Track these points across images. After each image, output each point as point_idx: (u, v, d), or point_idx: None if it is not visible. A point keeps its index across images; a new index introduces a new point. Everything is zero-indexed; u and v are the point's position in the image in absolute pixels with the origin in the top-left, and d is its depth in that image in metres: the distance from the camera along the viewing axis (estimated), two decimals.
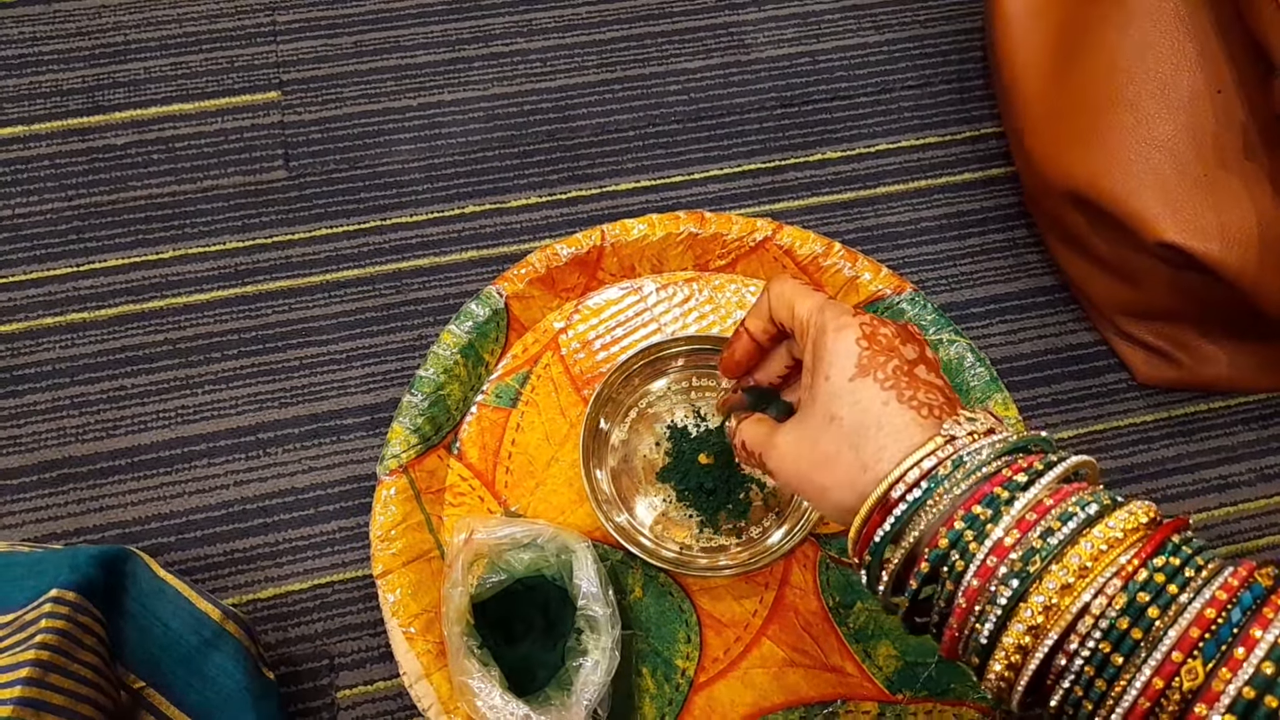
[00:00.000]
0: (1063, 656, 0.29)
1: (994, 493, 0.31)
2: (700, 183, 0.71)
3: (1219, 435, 0.63)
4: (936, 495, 0.32)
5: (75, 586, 0.42)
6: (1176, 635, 0.28)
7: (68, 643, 0.40)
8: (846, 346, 0.36)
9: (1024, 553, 0.30)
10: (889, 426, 0.34)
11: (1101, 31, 0.60)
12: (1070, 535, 0.30)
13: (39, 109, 0.71)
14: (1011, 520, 0.30)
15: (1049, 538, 0.30)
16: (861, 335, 0.36)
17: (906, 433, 0.34)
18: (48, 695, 0.38)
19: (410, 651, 0.50)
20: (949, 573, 0.31)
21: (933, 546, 0.32)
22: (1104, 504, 0.31)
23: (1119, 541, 0.29)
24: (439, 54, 0.75)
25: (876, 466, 0.34)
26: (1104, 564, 0.29)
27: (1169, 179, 0.55)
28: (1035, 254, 0.69)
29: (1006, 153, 0.73)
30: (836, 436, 0.35)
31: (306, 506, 0.59)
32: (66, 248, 0.66)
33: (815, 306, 0.38)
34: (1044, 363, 0.65)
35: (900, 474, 0.33)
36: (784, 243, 0.62)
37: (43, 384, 0.61)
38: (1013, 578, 0.30)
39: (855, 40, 0.77)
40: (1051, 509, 0.31)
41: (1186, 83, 0.55)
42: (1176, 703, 0.27)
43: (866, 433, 0.34)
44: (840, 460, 0.35)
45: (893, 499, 0.33)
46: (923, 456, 0.33)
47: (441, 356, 0.57)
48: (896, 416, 0.34)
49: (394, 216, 0.68)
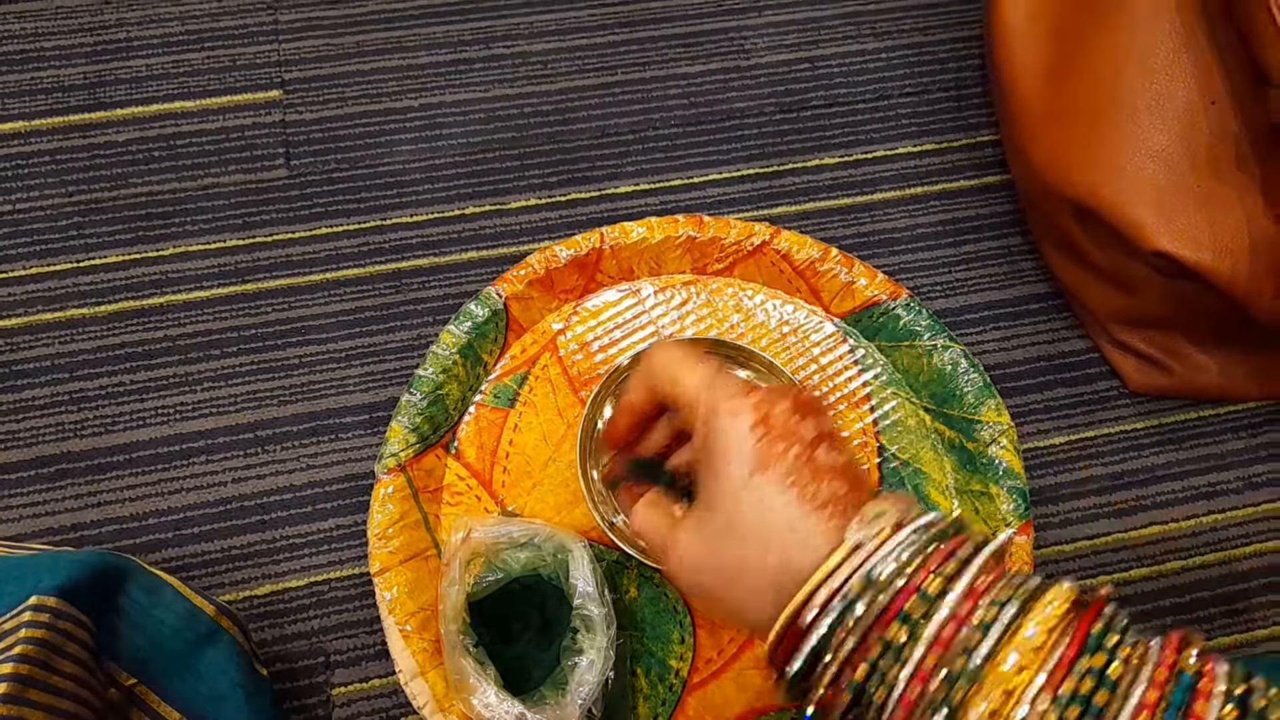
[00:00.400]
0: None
1: (906, 610, 0.30)
2: (699, 186, 0.71)
3: (1208, 443, 0.64)
4: (850, 621, 0.30)
5: (57, 591, 0.40)
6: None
7: (47, 652, 0.38)
8: (740, 435, 0.34)
9: (946, 676, 0.29)
10: (794, 534, 0.32)
11: (1099, 41, 0.60)
12: (990, 651, 0.28)
13: (40, 105, 0.71)
14: (929, 640, 0.29)
15: (971, 657, 0.29)
16: (755, 420, 0.34)
17: (810, 543, 0.32)
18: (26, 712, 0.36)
19: (406, 649, 0.50)
20: (868, 708, 0.30)
21: (851, 677, 0.30)
22: (1022, 601, 0.29)
23: (1041, 648, 0.28)
24: (441, 55, 0.75)
25: (783, 584, 0.32)
26: (1028, 678, 0.28)
27: (1163, 189, 0.55)
28: (1030, 261, 0.70)
29: (1003, 160, 0.73)
30: (739, 545, 0.33)
31: (304, 504, 0.59)
32: (67, 244, 0.66)
33: (702, 383, 0.36)
34: (1037, 369, 0.66)
35: (807, 595, 0.31)
36: (781, 247, 0.62)
37: (42, 379, 0.62)
38: (935, 713, 0.28)
39: (854, 47, 0.78)
40: (970, 616, 0.29)
41: (1182, 94, 0.56)
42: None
43: (769, 545, 0.32)
44: (746, 575, 0.33)
45: (804, 625, 0.31)
46: (830, 572, 0.31)
47: (440, 356, 0.58)
48: (800, 521, 0.32)
49: (394, 216, 0.68)
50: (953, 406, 0.59)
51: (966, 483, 0.58)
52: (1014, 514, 0.55)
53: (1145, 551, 0.60)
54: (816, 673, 0.31)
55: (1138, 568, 0.60)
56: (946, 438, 0.59)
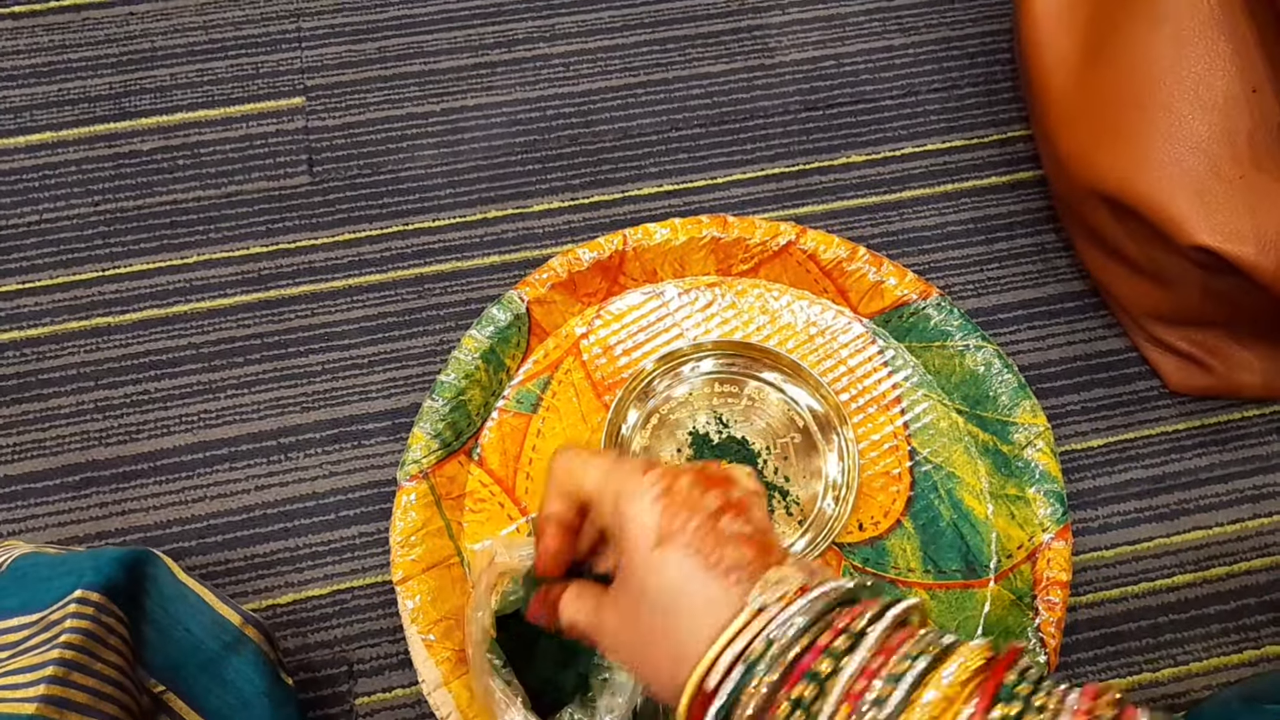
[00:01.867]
0: None
1: (814, 668, 0.30)
2: (723, 187, 0.70)
3: (1253, 444, 0.62)
4: (753, 683, 0.30)
5: (100, 588, 0.42)
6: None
7: (92, 642, 0.40)
8: (643, 511, 0.34)
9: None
10: (697, 600, 0.32)
11: (1132, 31, 0.59)
12: (902, 702, 0.28)
13: (67, 115, 0.72)
14: (838, 697, 0.29)
15: (881, 708, 0.28)
16: (657, 495, 0.35)
17: (713, 608, 0.32)
18: (72, 694, 0.38)
19: (429, 659, 0.49)
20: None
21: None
22: (933, 656, 0.29)
23: (954, 699, 0.28)
24: (462, 59, 0.75)
25: (689, 650, 0.32)
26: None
27: (1203, 181, 0.54)
28: (1064, 259, 0.68)
29: (1034, 156, 0.72)
30: (650, 615, 0.33)
31: (327, 511, 0.58)
32: (92, 253, 0.66)
33: (601, 474, 0.37)
34: (1073, 369, 0.64)
35: (711, 660, 0.31)
36: (808, 247, 0.61)
37: (67, 388, 0.62)
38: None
39: (880, 43, 0.77)
40: (880, 670, 0.29)
41: (1221, 83, 0.54)
42: None
43: (677, 613, 0.32)
44: (655, 645, 0.33)
45: (708, 689, 0.31)
46: (732, 637, 0.31)
47: (463, 362, 0.57)
48: (702, 589, 0.32)
49: (416, 221, 0.68)
50: (986, 409, 0.57)
51: (1001, 487, 0.56)
52: (1051, 519, 0.53)
53: (1189, 557, 0.58)
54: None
55: (1181, 574, 0.58)
56: (980, 441, 0.58)
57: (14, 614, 0.41)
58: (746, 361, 0.59)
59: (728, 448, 0.56)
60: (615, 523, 0.36)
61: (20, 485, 0.59)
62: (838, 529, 0.54)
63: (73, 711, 0.38)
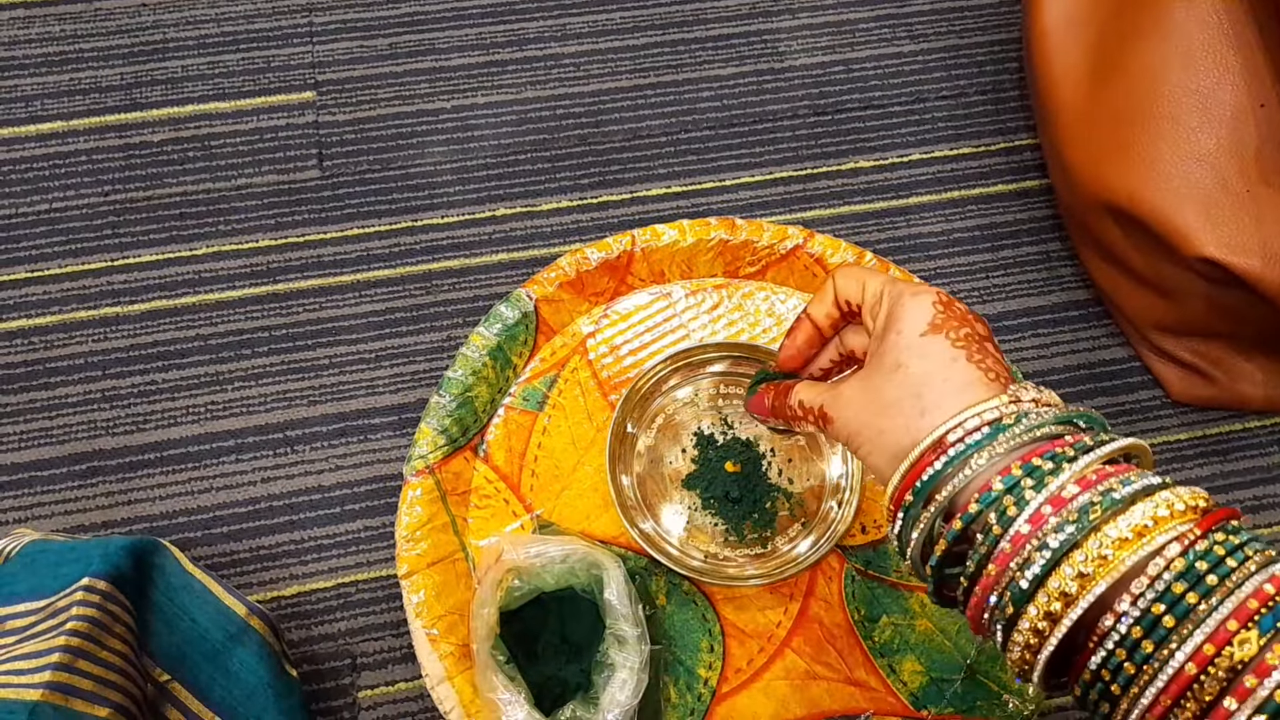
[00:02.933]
0: (1110, 615, 0.28)
1: (1057, 450, 0.31)
2: (732, 189, 0.70)
3: (1254, 455, 0.62)
4: (996, 442, 0.31)
5: (107, 576, 0.42)
6: (1234, 604, 0.27)
7: (98, 630, 0.41)
8: (922, 306, 0.36)
9: (1082, 505, 0.29)
10: (955, 380, 0.34)
11: (1141, 43, 0.59)
12: (1130, 496, 0.29)
13: (78, 105, 0.72)
14: (1072, 475, 0.30)
15: (1110, 495, 0.29)
16: (938, 300, 0.36)
17: (971, 388, 0.33)
18: (77, 680, 0.39)
19: (433, 653, 0.50)
20: (998, 518, 0.31)
21: (985, 490, 0.31)
22: (1164, 481, 0.30)
23: (1179, 513, 0.29)
24: (473, 57, 0.75)
25: (936, 412, 0.33)
26: (1163, 528, 0.29)
27: (1210, 193, 0.54)
28: (1069, 267, 0.68)
29: (1041, 165, 0.72)
30: (900, 384, 0.35)
31: (332, 505, 0.59)
32: (101, 242, 0.67)
33: (889, 279, 0.39)
34: (1077, 377, 0.64)
35: (960, 420, 0.32)
36: (815, 251, 0.61)
37: (75, 377, 0.62)
38: (1067, 524, 0.29)
39: (890, 49, 0.77)
40: (1112, 475, 0.30)
41: (1229, 96, 0.54)
42: (1225, 671, 0.26)
43: (931, 382, 0.34)
44: (900, 405, 0.34)
45: (948, 442, 0.32)
46: (986, 408, 0.32)
47: (470, 358, 0.57)
48: (963, 372, 0.34)
49: (425, 218, 0.68)
50: None
51: None
52: None
53: None
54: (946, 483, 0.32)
55: None
56: None
57: (22, 599, 0.42)
58: (752, 363, 0.60)
59: (732, 448, 0.56)
60: (888, 313, 0.37)
61: (27, 473, 0.59)
62: (841, 531, 0.54)
63: (78, 698, 0.38)
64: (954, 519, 0.32)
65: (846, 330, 0.43)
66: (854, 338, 0.43)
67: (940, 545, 0.33)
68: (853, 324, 0.43)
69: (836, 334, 0.44)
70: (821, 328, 0.43)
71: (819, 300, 0.42)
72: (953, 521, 0.32)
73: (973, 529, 0.32)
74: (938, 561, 0.33)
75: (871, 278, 0.39)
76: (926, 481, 0.33)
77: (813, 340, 0.44)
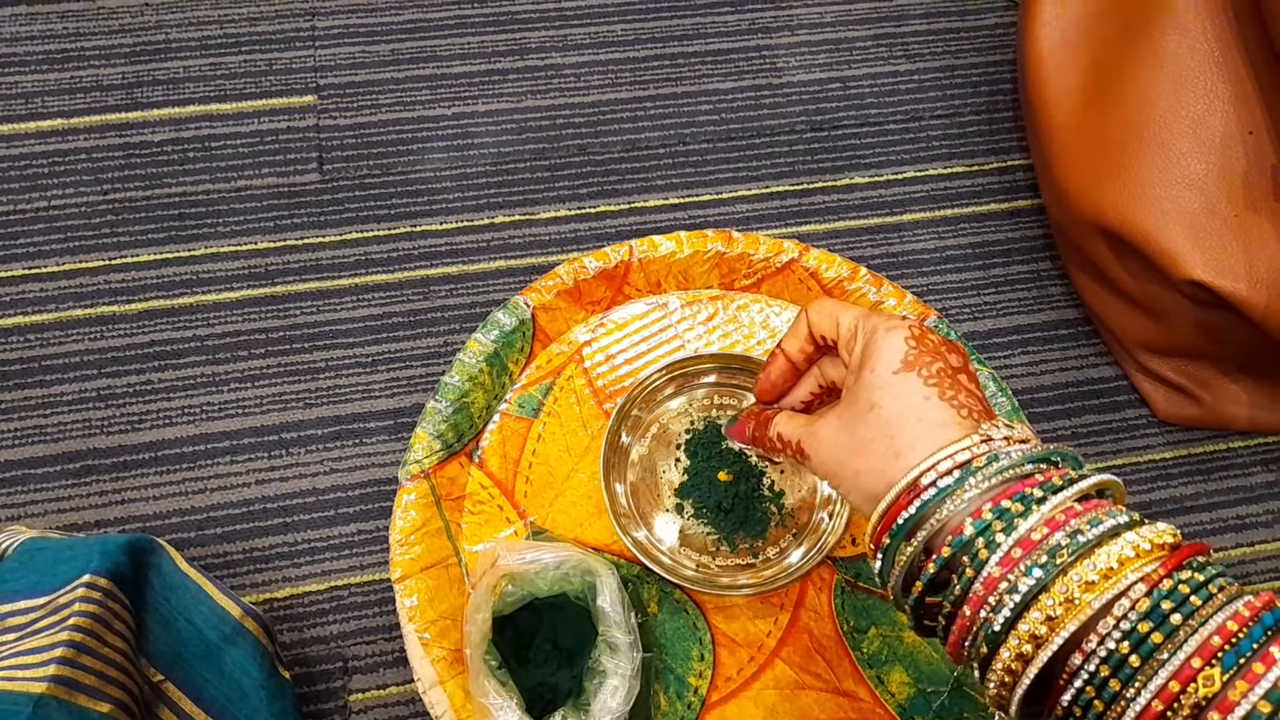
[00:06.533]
0: (1078, 655, 0.29)
1: (1026, 491, 0.31)
2: (728, 202, 0.71)
3: (1237, 475, 0.63)
4: (967, 485, 0.32)
5: (107, 573, 0.43)
6: (1198, 643, 0.28)
7: (99, 626, 0.41)
8: (895, 343, 0.37)
9: (1050, 547, 0.30)
10: (927, 420, 0.34)
11: (1135, 69, 0.60)
12: (1097, 538, 0.30)
13: (79, 103, 0.72)
14: (1040, 518, 0.31)
15: (1077, 536, 0.30)
16: (910, 335, 0.37)
17: (944, 429, 0.34)
18: (80, 675, 0.39)
19: (425, 658, 0.50)
20: (970, 560, 0.31)
21: (957, 533, 0.32)
22: (1132, 519, 0.31)
23: (1145, 552, 0.30)
24: (474, 65, 0.76)
25: (909, 454, 0.34)
26: (1129, 569, 0.29)
27: (1199, 218, 0.55)
28: (1059, 287, 0.69)
29: (1033, 185, 0.73)
30: (874, 424, 0.35)
31: (326, 508, 0.59)
32: (99, 241, 0.67)
33: (862, 314, 0.39)
34: (1065, 395, 0.65)
35: (933, 463, 0.33)
36: (810, 265, 0.62)
37: (70, 375, 0.62)
38: (1036, 568, 0.30)
39: (886, 68, 0.78)
40: (1081, 514, 0.31)
41: (1219, 123, 0.56)
42: (1190, 709, 0.27)
43: (904, 422, 0.34)
44: (874, 447, 0.35)
45: (922, 485, 0.33)
46: (958, 450, 0.33)
47: (467, 364, 0.58)
48: (935, 412, 0.34)
49: (424, 224, 0.69)
50: None
51: None
52: None
53: None
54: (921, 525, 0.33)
55: None
56: None
57: (23, 596, 0.42)
58: (746, 375, 0.60)
59: (725, 457, 0.57)
60: (863, 349, 0.38)
61: (21, 470, 0.59)
62: (831, 543, 0.54)
63: (81, 692, 0.38)
64: (930, 559, 0.33)
65: (825, 361, 0.44)
66: (833, 369, 0.43)
67: (917, 586, 0.33)
68: (830, 355, 0.43)
69: (811, 366, 0.44)
70: (795, 362, 0.44)
71: (793, 335, 0.43)
72: (929, 562, 0.33)
73: (948, 569, 0.33)
74: (915, 601, 0.34)
75: (845, 312, 0.40)
76: (902, 524, 0.33)
77: (787, 374, 0.45)
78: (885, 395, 0.36)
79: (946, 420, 0.34)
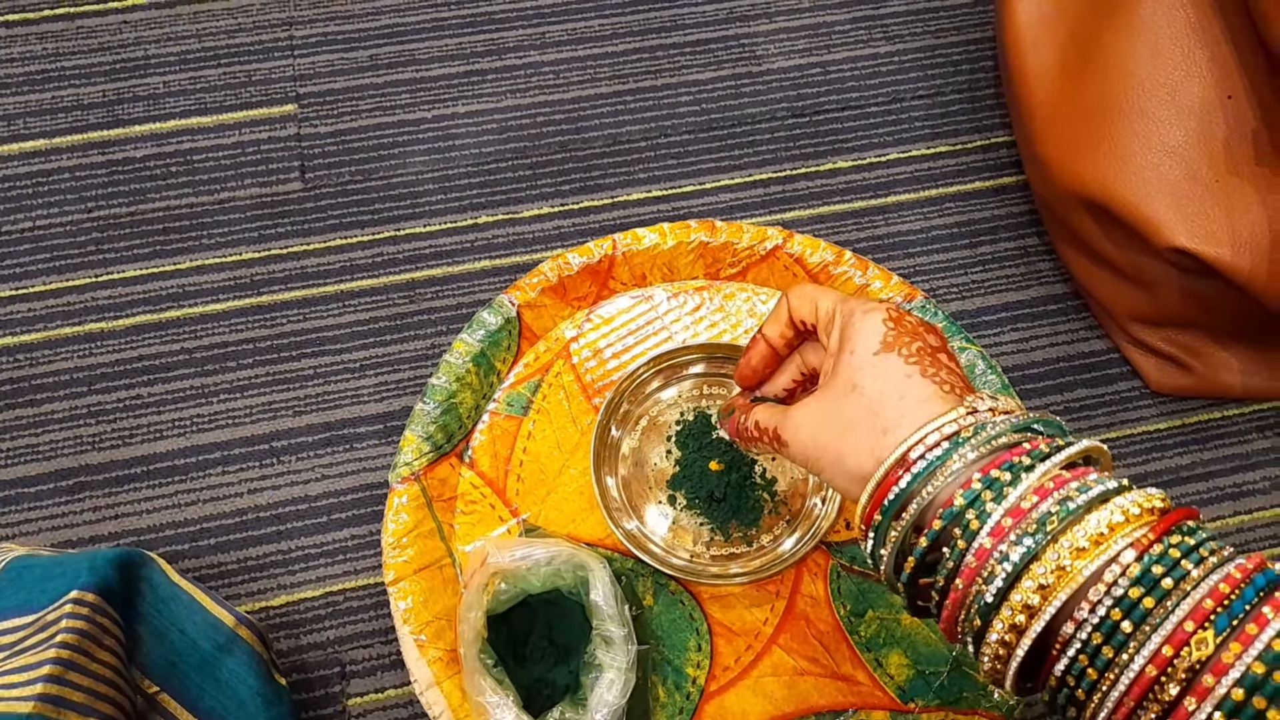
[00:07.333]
0: (1070, 623, 0.29)
1: (1014, 460, 0.31)
2: (712, 192, 0.71)
3: (1233, 443, 0.63)
4: (955, 456, 0.32)
5: (95, 588, 0.42)
6: (1190, 606, 0.27)
7: (88, 642, 0.41)
8: (873, 325, 0.37)
9: (1040, 515, 0.30)
10: (911, 396, 0.34)
11: (1112, 39, 0.60)
12: (1086, 504, 0.30)
13: (60, 123, 0.72)
14: (1029, 486, 0.30)
15: (1066, 504, 0.30)
16: (888, 317, 0.37)
17: (928, 404, 0.34)
18: (68, 693, 0.39)
19: (421, 659, 0.50)
20: (962, 532, 0.31)
21: (948, 506, 0.32)
22: (1121, 485, 0.31)
23: (1135, 517, 0.30)
24: (453, 67, 0.76)
25: (896, 431, 0.34)
26: (1118, 534, 0.29)
27: (1180, 185, 0.55)
28: (1047, 262, 0.69)
29: (1017, 161, 0.73)
30: (857, 404, 0.35)
31: (319, 514, 0.59)
32: (85, 259, 0.67)
33: (840, 298, 0.39)
34: (1056, 370, 0.65)
35: (921, 436, 0.33)
36: (795, 251, 0.62)
37: (60, 393, 0.62)
38: (1026, 537, 0.30)
39: (866, 51, 0.78)
40: (1070, 481, 0.31)
41: (1197, 89, 0.55)
42: (1184, 672, 0.27)
43: (888, 401, 0.34)
44: (859, 426, 0.35)
45: (911, 459, 0.33)
46: (944, 422, 0.33)
47: (454, 365, 0.58)
48: (918, 388, 0.34)
49: (408, 227, 0.69)
50: None
51: None
52: None
53: None
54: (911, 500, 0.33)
55: None
56: None
57: (10, 615, 0.42)
58: (733, 364, 0.60)
59: (716, 447, 0.57)
60: (840, 333, 0.38)
61: (14, 489, 0.59)
62: (825, 528, 0.54)
63: (69, 710, 0.38)
64: (922, 534, 0.33)
65: (806, 348, 0.44)
66: (814, 356, 0.43)
67: (910, 562, 0.33)
68: (811, 341, 0.43)
69: (792, 352, 0.44)
70: (776, 347, 0.44)
71: (773, 320, 0.43)
72: (920, 537, 0.33)
73: (940, 543, 0.32)
74: (908, 577, 0.34)
75: (824, 297, 0.40)
76: (894, 500, 0.33)
77: (768, 360, 0.45)
78: (866, 376, 0.35)
79: (930, 396, 0.34)
